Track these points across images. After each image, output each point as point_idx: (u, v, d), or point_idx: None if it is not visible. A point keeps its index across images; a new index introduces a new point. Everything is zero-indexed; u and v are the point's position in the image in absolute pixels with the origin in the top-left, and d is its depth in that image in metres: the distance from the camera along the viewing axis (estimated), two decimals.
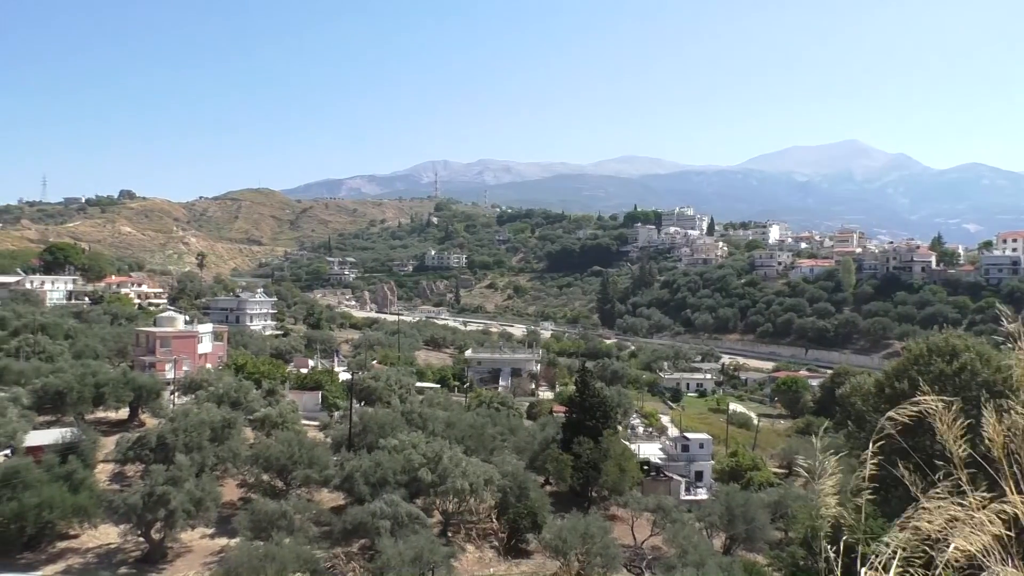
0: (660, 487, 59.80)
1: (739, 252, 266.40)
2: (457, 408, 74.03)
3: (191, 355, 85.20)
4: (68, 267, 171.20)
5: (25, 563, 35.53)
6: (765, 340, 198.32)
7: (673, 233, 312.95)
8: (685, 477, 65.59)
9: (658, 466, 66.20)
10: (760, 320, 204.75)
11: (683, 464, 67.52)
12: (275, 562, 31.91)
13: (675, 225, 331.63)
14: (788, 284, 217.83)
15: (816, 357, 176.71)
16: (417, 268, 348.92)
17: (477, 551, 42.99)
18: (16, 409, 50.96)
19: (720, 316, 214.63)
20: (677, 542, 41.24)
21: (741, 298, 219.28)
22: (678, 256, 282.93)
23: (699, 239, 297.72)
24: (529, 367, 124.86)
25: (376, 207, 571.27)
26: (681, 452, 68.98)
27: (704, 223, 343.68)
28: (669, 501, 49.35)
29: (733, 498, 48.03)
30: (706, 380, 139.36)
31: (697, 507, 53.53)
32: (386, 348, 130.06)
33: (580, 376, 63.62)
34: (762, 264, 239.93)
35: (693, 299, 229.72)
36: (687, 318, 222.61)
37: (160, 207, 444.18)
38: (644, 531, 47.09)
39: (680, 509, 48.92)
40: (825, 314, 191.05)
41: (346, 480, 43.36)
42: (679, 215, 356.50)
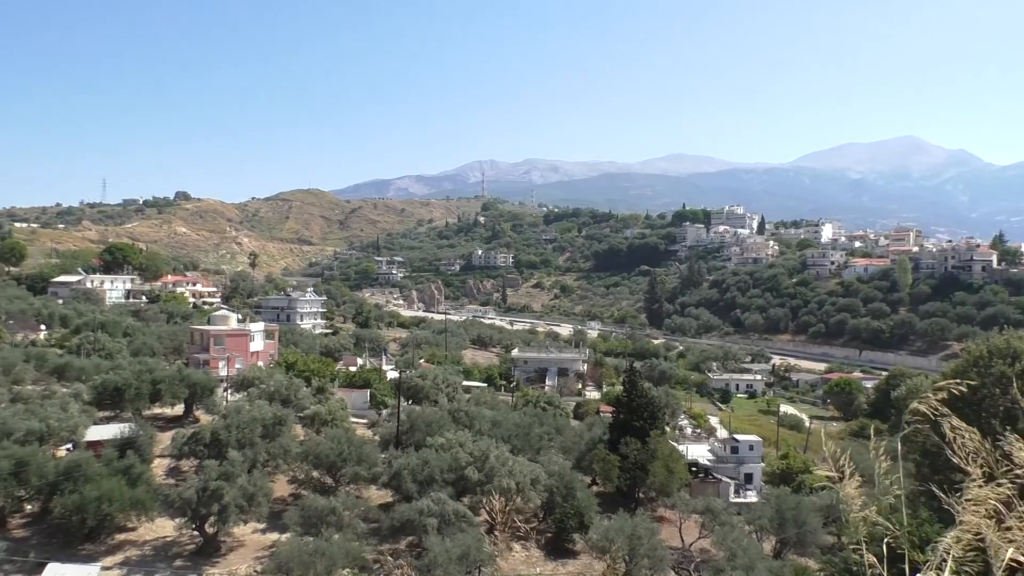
0: (708, 489, 59.04)
1: (790, 251, 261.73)
2: (503, 407, 74.20)
3: (243, 353, 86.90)
4: (126, 267, 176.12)
5: (86, 554, 36.65)
6: (817, 341, 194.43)
7: (722, 232, 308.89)
8: (734, 479, 64.62)
9: (706, 468, 65.39)
10: (812, 320, 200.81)
11: (732, 466, 66.54)
12: (324, 558, 32.37)
13: (724, 224, 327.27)
14: (841, 284, 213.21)
15: (870, 358, 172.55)
16: (464, 267, 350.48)
17: (524, 550, 43.02)
18: (78, 405, 52.66)
19: (771, 316, 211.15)
20: (726, 545, 40.70)
21: (792, 298, 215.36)
22: (727, 255, 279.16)
23: (749, 238, 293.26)
24: (576, 367, 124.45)
25: (424, 207, 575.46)
26: (730, 454, 67.98)
27: (754, 222, 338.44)
28: (718, 503, 48.71)
29: (784, 501, 47.20)
30: (756, 381, 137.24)
31: (746, 510, 52.75)
32: (433, 347, 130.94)
33: (627, 376, 63.18)
34: (814, 263, 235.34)
35: (743, 299, 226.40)
36: (737, 318, 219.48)
37: (214, 208, 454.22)
38: (692, 533, 46.57)
39: (729, 511, 48.28)
40: (880, 314, 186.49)
41: (394, 478, 43.77)
42: (728, 214, 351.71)
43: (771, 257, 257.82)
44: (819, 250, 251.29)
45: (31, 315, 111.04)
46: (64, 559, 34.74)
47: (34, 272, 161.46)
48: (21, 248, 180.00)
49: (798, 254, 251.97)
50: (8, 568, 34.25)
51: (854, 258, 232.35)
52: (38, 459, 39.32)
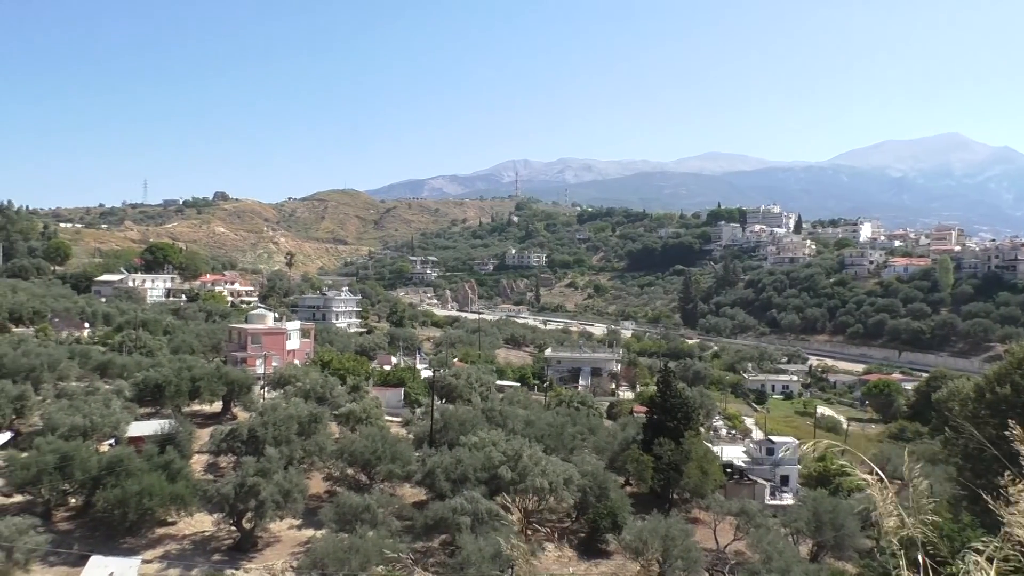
0: (744, 491, 58.46)
1: (828, 251, 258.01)
2: (537, 407, 74.19)
3: (280, 351, 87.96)
4: (167, 266, 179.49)
5: (127, 547, 37.40)
6: (855, 341, 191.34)
7: (758, 231, 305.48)
8: (770, 481, 63.92)
9: (741, 469, 64.77)
10: (850, 321, 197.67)
11: (768, 468, 65.81)
12: (359, 555, 32.67)
13: (760, 223, 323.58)
14: (880, 284, 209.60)
15: (910, 360, 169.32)
16: (497, 267, 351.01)
17: (557, 549, 43.00)
18: (119, 401, 53.78)
19: (807, 316, 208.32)
20: (761, 547, 40.26)
21: (830, 298, 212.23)
22: (763, 255, 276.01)
23: (785, 237, 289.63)
24: (609, 366, 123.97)
25: (457, 207, 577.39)
26: (766, 455, 67.22)
27: (791, 221, 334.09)
28: (753, 505, 48.19)
29: (821, 504, 46.55)
30: (792, 382, 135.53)
31: (782, 512, 52.13)
32: (467, 346, 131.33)
33: (661, 376, 62.81)
34: (852, 263, 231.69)
35: (779, 299, 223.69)
36: (772, 318, 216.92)
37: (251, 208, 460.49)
38: (727, 535, 46.16)
39: (765, 514, 47.72)
40: (920, 315, 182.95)
41: (427, 476, 44.01)
42: (764, 213, 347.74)
43: (808, 256, 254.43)
44: (858, 249, 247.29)
45: (76, 313, 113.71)
46: (106, 552, 35.49)
47: (78, 271, 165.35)
48: (66, 248, 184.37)
49: (836, 253, 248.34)
50: (53, 560, 35.10)
51: (894, 257, 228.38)
52: (82, 454, 40.22)
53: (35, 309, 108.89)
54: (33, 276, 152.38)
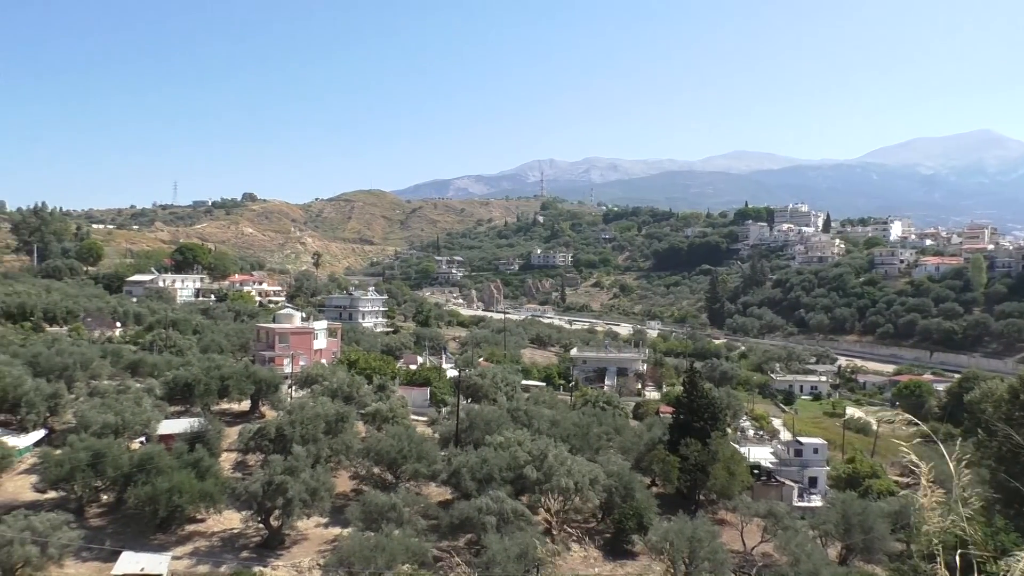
0: (771, 492, 57.96)
1: (857, 250, 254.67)
2: (562, 407, 74.09)
3: (307, 351, 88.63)
4: (196, 266, 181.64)
5: (158, 544, 37.94)
6: (885, 342, 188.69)
7: (786, 230, 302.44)
8: (798, 483, 63.30)
9: (769, 471, 64.21)
10: (880, 321, 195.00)
11: (796, 469, 65.18)
12: (385, 553, 32.85)
13: (788, 222, 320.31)
14: (911, 283, 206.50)
15: (942, 360, 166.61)
16: (523, 267, 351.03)
17: (582, 550, 42.92)
18: (150, 399, 54.62)
19: (836, 316, 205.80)
20: (789, 550, 39.91)
21: (859, 297, 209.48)
22: (791, 254, 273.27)
23: (814, 236, 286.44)
24: (635, 367, 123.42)
25: (483, 207, 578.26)
26: (794, 457, 66.60)
27: (819, 220, 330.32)
28: (781, 507, 47.77)
29: (850, 506, 46.04)
30: (821, 383, 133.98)
31: (811, 514, 51.64)
32: (492, 346, 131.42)
33: (688, 376, 62.45)
34: (882, 262, 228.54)
35: (807, 298, 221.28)
36: (801, 318, 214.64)
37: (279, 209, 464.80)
38: (754, 537, 45.81)
39: (792, 516, 47.30)
40: (952, 315, 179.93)
41: (453, 475, 44.15)
42: (792, 212, 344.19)
43: (837, 256, 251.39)
44: (888, 248, 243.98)
45: (108, 313, 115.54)
46: (137, 548, 36.04)
47: (110, 272, 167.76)
48: (98, 249, 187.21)
49: (865, 253, 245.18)
50: (86, 555, 35.71)
51: (925, 256, 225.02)
52: (114, 451, 40.88)
53: (68, 309, 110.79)
54: (66, 276, 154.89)
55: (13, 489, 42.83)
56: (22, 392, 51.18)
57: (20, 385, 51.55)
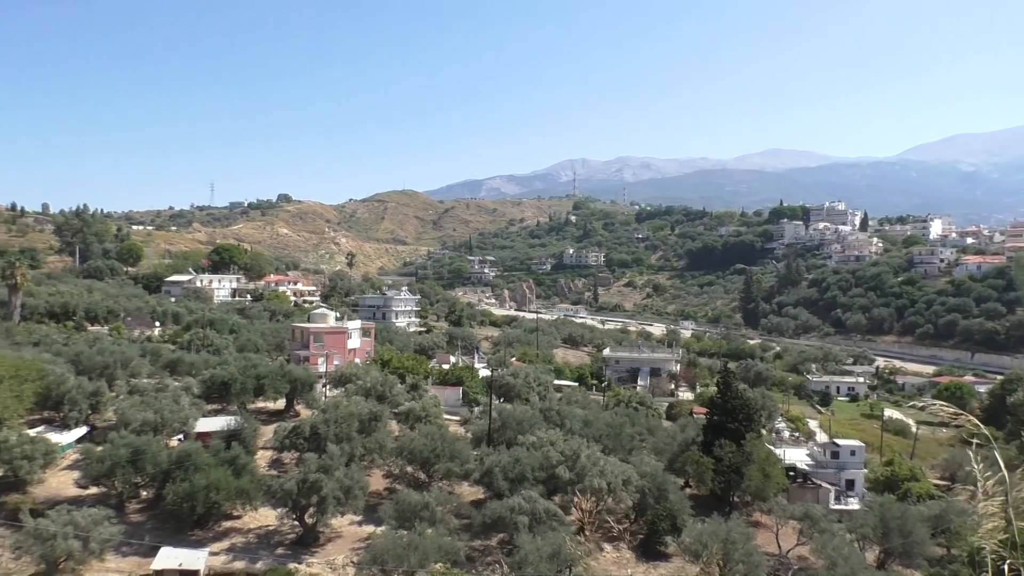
0: (807, 495, 57.21)
1: (895, 248, 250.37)
2: (595, 407, 73.90)
3: (341, 350, 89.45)
4: (232, 266, 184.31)
5: (195, 539, 38.56)
6: (925, 342, 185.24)
7: (822, 229, 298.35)
8: (835, 485, 62.41)
9: (805, 473, 63.39)
10: (919, 321, 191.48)
11: (832, 472, 64.26)
12: (418, 551, 33.03)
13: (824, 221, 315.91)
14: (952, 282, 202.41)
15: (984, 362, 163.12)
16: (555, 266, 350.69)
17: (614, 551, 42.75)
18: (188, 398, 55.53)
19: (874, 316, 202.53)
20: (826, 553, 39.37)
21: (898, 297, 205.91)
22: (827, 253, 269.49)
23: (851, 235, 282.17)
24: (668, 367, 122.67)
25: (515, 206, 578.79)
26: (830, 459, 65.66)
27: (856, 218, 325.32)
28: (817, 510, 47.12)
29: (888, 509, 45.26)
30: (858, 384, 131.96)
31: (848, 517, 50.86)
32: (525, 346, 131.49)
33: (722, 377, 61.90)
34: (922, 261, 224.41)
35: (844, 298, 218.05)
36: (837, 318, 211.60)
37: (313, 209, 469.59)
38: (790, 540, 45.26)
39: (829, 519, 46.61)
40: (995, 315, 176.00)
41: (486, 475, 44.24)
42: (829, 210, 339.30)
43: (875, 255, 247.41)
44: (927, 247, 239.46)
45: (147, 312, 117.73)
46: (175, 544, 36.67)
47: (149, 272, 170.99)
48: (138, 249, 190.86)
49: (904, 251, 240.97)
50: (126, 550, 36.42)
51: (966, 255, 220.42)
52: (153, 448, 41.65)
53: (109, 308, 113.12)
54: (107, 277, 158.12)
55: (56, 484, 43.83)
56: (65, 390, 52.36)
57: (63, 383, 52.73)
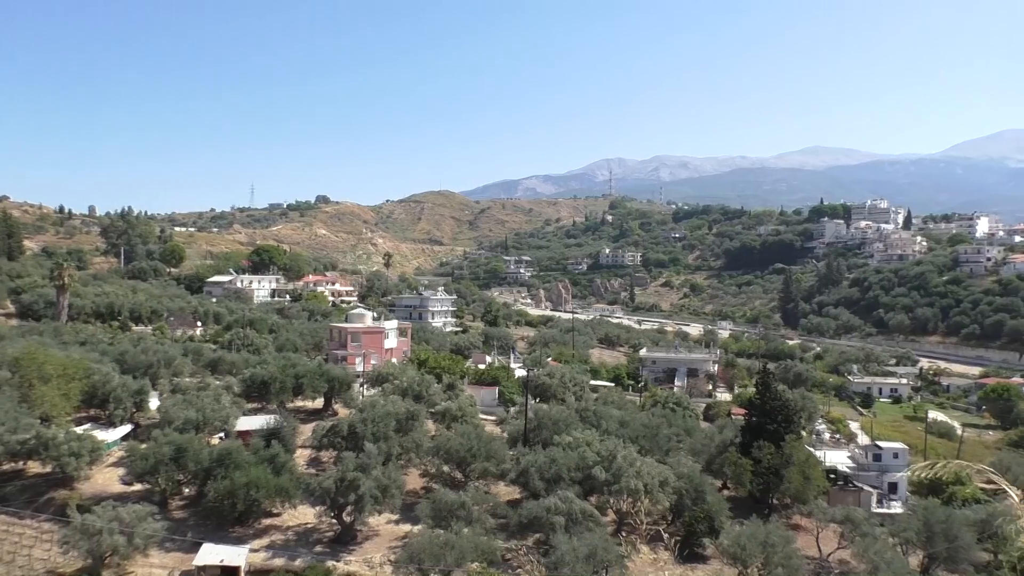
0: (848, 498, 56.33)
1: (940, 247, 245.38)
2: (631, 407, 73.51)
3: (378, 350, 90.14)
4: (272, 267, 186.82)
5: (236, 536, 39.16)
6: (971, 343, 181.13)
7: (864, 227, 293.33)
8: (877, 489, 61.34)
9: (846, 475, 62.40)
10: (965, 321, 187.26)
11: (874, 475, 63.16)
12: (454, 551, 33.17)
13: (866, 219, 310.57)
14: (999, 282, 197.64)
15: None
16: (591, 266, 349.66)
17: (651, 552, 42.48)
18: (229, 396, 56.40)
19: (918, 316, 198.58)
20: (868, 557, 38.70)
21: (942, 297, 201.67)
22: (869, 252, 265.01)
23: (894, 233, 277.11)
24: (706, 367, 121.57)
25: (551, 206, 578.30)
26: (872, 462, 64.54)
27: (899, 216, 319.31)
28: (859, 513, 46.35)
29: (932, 513, 44.32)
30: (901, 385, 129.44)
31: (890, 521, 49.91)
32: (561, 346, 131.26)
33: (761, 378, 61.15)
34: (968, 260, 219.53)
35: (886, 298, 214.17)
36: (879, 318, 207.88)
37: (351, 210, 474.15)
38: (830, 543, 44.58)
39: (871, 522, 45.82)
40: None
41: (521, 475, 44.26)
42: (871, 208, 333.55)
43: (918, 253, 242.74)
44: (973, 245, 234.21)
45: (189, 312, 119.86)
46: (217, 540, 37.28)
47: (191, 273, 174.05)
48: (180, 251, 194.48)
49: (949, 250, 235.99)
50: (169, 546, 37.14)
51: (1014, 254, 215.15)
52: (195, 446, 42.40)
53: (153, 309, 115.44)
54: (151, 278, 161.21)
55: (102, 481, 44.84)
56: (110, 388, 53.53)
57: (109, 382, 53.92)
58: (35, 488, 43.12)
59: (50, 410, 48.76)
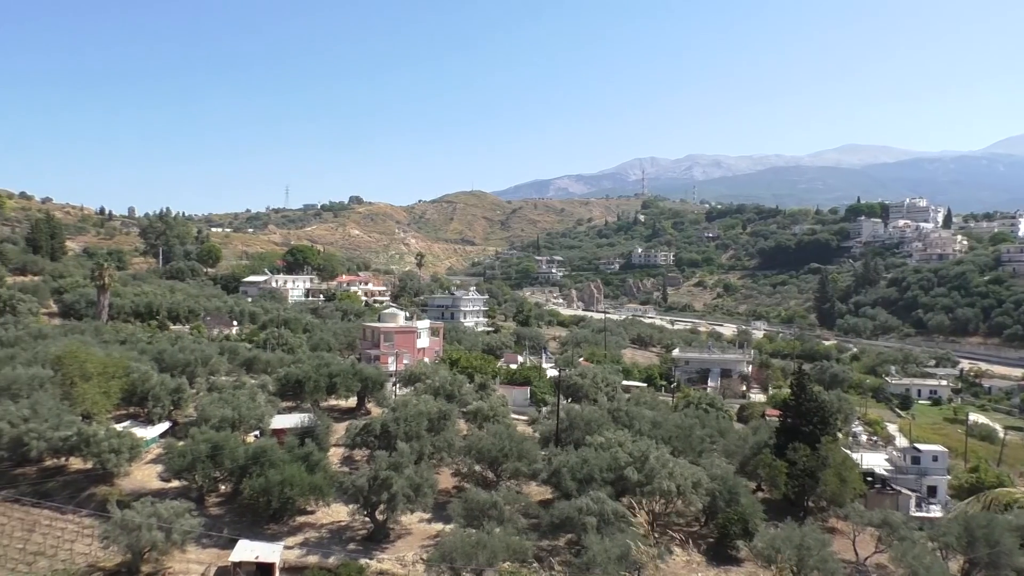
0: (886, 501, 55.41)
1: (982, 246, 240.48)
2: (664, 408, 73.04)
3: (411, 349, 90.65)
4: (306, 267, 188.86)
5: (271, 533, 39.63)
6: (1014, 344, 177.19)
7: (902, 226, 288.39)
8: (915, 492, 60.30)
9: (883, 478, 61.41)
10: (1007, 322, 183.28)
11: (913, 478, 62.11)
12: (486, 550, 33.22)
13: (904, 218, 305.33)
14: None
15: None
16: (623, 266, 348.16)
17: (684, 554, 42.17)
18: (264, 395, 57.09)
19: (958, 317, 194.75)
20: (906, 562, 37.99)
21: (984, 297, 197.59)
22: (908, 251, 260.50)
23: (933, 232, 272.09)
24: (740, 368, 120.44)
25: (583, 206, 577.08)
26: (911, 464, 63.45)
27: (939, 215, 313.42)
28: (897, 516, 45.50)
29: (973, 518, 43.39)
30: (941, 387, 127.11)
31: (930, 525, 49.01)
32: (593, 346, 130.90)
33: (796, 379, 60.32)
34: (1010, 259, 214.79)
35: (925, 298, 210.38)
36: (918, 319, 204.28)
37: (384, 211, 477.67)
38: (867, 547, 43.86)
39: (910, 526, 44.97)
40: None
41: (553, 475, 44.18)
42: (909, 207, 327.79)
43: (959, 253, 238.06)
44: (1016, 244, 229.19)
45: (225, 312, 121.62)
46: (252, 537, 37.75)
47: (227, 273, 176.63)
48: (217, 251, 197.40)
49: (991, 249, 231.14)
50: (205, 542, 37.71)
51: None
52: (231, 444, 42.97)
53: (190, 308, 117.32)
54: (188, 277, 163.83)
55: (141, 477, 45.66)
56: (149, 387, 54.50)
57: (147, 380, 54.90)
58: (76, 484, 44.02)
59: (91, 407, 49.79)
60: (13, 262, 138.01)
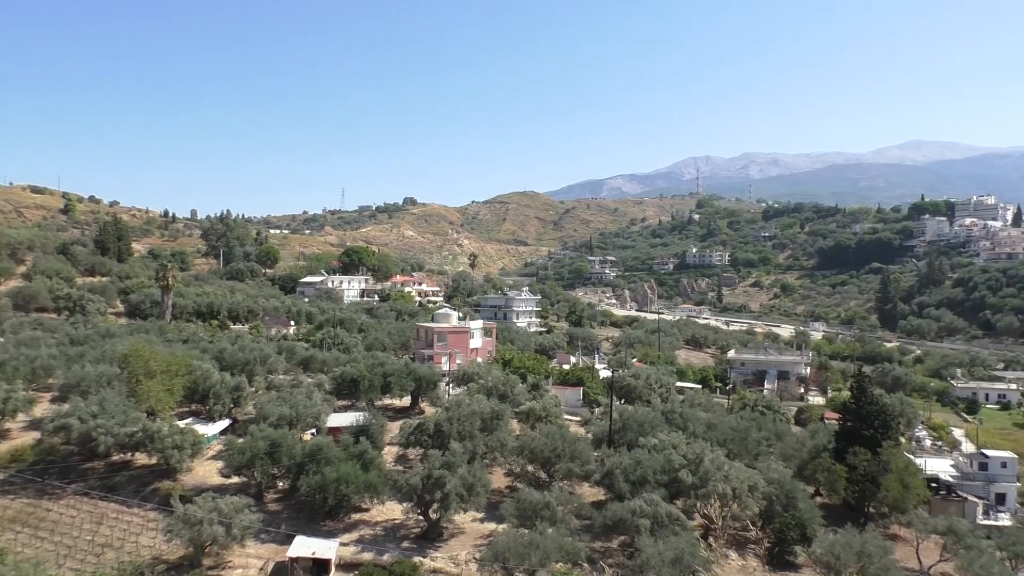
0: (951, 508, 53.74)
1: None
2: (719, 410, 72.09)
3: (464, 349, 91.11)
4: (361, 268, 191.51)
5: (327, 530, 40.31)
6: None
7: (969, 225, 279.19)
8: (983, 499, 58.38)
9: (949, 485, 59.60)
10: None
11: (980, 484, 60.13)
12: (539, 551, 33.22)
13: (971, 216, 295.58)
14: None
15: None
16: (677, 266, 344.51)
17: (740, 559, 41.56)
18: (320, 394, 58.11)
19: None
20: (973, 571, 36.87)
21: None
22: (975, 251, 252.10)
23: (1002, 231, 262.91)
24: (797, 370, 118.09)
25: (636, 206, 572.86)
26: (978, 471, 61.43)
27: (1008, 213, 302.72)
28: (963, 524, 44.15)
29: None
30: (1010, 391, 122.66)
31: (998, 534, 47.39)
32: (646, 346, 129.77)
33: (856, 381, 58.95)
34: None
35: (994, 299, 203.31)
36: (986, 320, 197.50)
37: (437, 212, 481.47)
38: (931, 556, 42.65)
39: (977, 534, 43.58)
40: None
41: (606, 476, 43.98)
42: (976, 204, 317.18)
43: None
44: None
45: (283, 312, 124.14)
46: (309, 533, 38.46)
47: (285, 273, 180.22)
48: (275, 252, 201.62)
49: None
50: (264, 537, 38.53)
51: None
52: (288, 441, 43.85)
53: (249, 308, 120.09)
54: (247, 278, 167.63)
55: (203, 473, 46.88)
56: (210, 385, 55.97)
57: (209, 378, 56.38)
58: (141, 478, 45.47)
59: (155, 405, 51.35)
60: (83, 263, 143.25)
